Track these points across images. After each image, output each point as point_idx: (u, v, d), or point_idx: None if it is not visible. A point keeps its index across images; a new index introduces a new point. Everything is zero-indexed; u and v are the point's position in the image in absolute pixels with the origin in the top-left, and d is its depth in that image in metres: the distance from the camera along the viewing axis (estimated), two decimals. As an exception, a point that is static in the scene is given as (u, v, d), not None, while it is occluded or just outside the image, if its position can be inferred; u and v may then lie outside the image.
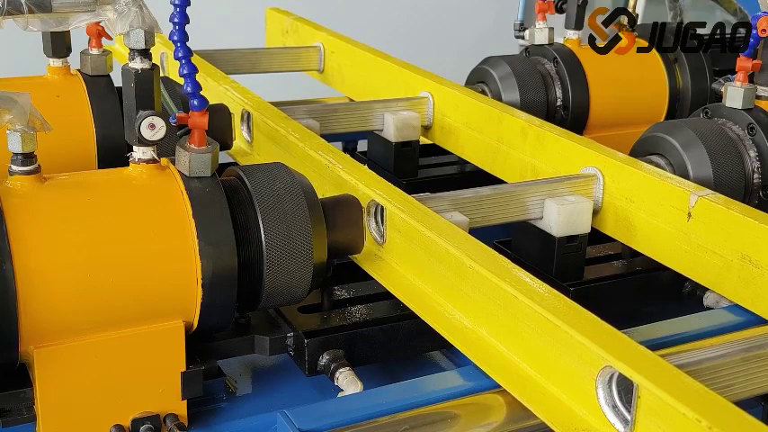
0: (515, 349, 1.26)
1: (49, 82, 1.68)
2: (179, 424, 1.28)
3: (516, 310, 1.23)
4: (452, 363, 1.60)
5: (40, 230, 1.18)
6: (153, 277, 1.23)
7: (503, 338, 1.28)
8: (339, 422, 1.22)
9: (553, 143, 1.86)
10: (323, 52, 2.60)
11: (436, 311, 1.39)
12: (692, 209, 1.56)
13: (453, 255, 1.35)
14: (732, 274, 1.51)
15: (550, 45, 2.34)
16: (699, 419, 0.96)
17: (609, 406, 1.10)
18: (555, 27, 2.38)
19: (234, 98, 2.01)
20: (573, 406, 1.15)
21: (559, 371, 1.17)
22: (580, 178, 1.75)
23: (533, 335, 1.21)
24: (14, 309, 1.14)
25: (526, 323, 1.22)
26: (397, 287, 1.45)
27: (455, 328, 1.35)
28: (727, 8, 3.70)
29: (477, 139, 2.06)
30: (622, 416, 1.09)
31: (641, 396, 1.04)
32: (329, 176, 1.64)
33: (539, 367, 1.22)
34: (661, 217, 1.63)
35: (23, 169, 1.22)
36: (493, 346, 1.29)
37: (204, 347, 1.37)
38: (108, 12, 1.29)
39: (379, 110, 2.15)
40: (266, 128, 1.89)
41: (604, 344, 1.11)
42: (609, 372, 1.10)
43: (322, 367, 1.44)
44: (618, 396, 1.10)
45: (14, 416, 1.25)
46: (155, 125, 1.25)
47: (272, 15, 2.88)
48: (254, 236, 1.31)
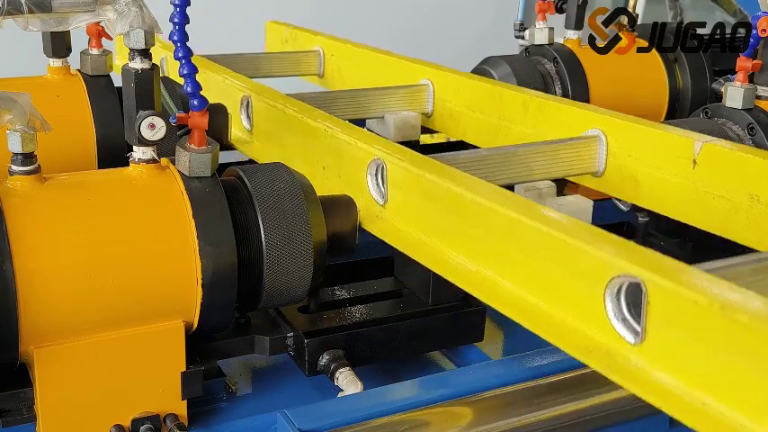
0: (521, 281, 1.23)
1: (49, 82, 1.68)
2: (179, 424, 1.28)
3: (520, 234, 1.21)
4: (452, 363, 1.60)
5: (40, 230, 1.18)
6: (153, 277, 1.23)
7: (509, 273, 1.25)
8: (339, 422, 1.22)
9: (554, 111, 1.85)
10: (322, 56, 2.61)
11: (442, 260, 1.37)
12: (697, 155, 1.56)
13: (454, 192, 1.33)
14: (740, 216, 1.50)
15: (550, 45, 2.34)
16: (710, 303, 0.93)
17: (618, 319, 1.08)
18: (555, 27, 2.38)
19: (233, 85, 2.01)
20: (582, 327, 1.13)
21: (566, 293, 1.15)
22: (582, 140, 1.74)
23: (538, 259, 1.19)
24: (14, 309, 1.14)
25: (531, 247, 1.20)
26: (400, 243, 1.45)
27: (462, 273, 1.32)
28: (726, 9, 3.70)
29: (479, 119, 2.05)
30: (632, 328, 1.06)
31: (650, 292, 1.00)
32: (329, 143, 1.64)
33: (546, 294, 1.19)
34: (666, 169, 1.63)
35: (23, 169, 1.22)
36: (500, 284, 1.26)
37: (204, 347, 1.37)
38: (108, 12, 1.29)
39: (378, 97, 2.15)
40: (265, 109, 1.89)
41: (610, 251, 1.08)
42: (617, 283, 1.07)
43: (322, 367, 1.44)
44: (627, 309, 1.08)
45: (14, 416, 1.25)
46: (155, 125, 1.25)
47: (271, 27, 2.90)
48: (253, 236, 1.31)
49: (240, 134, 2.01)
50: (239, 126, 2.00)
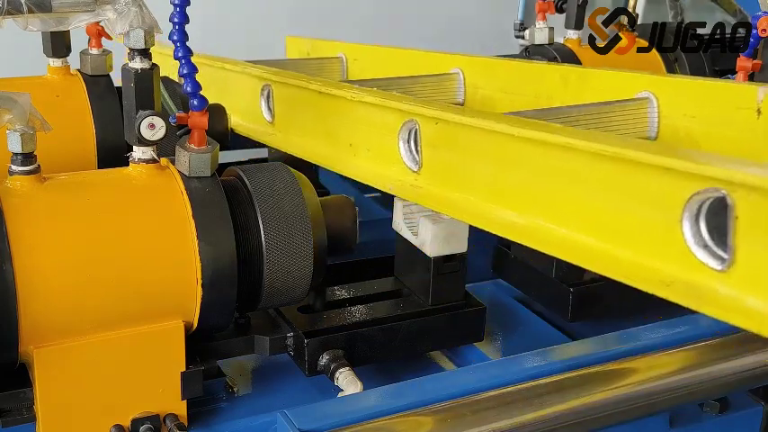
0: (579, 224, 1.16)
1: (49, 82, 1.68)
2: (179, 424, 1.28)
3: (575, 166, 1.14)
4: (452, 363, 1.61)
5: (40, 230, 1.18)
6: (153, 277, 1.23)
7: (564, 217, 1.19)
8: (339, 422, 1.22)
9: (597, 79, 1.78)
10: (345, 61, 2.52)
11: (487, 216, 1.32)
12: (761, 103, 1.49)
13: (497, 134, 1.28)
14: None
15: (550, 45, 2.34)
16: None
17: (700, 246, 1.00)
18: (555, 27, 2.38)
19: (253, 75, 1.97)
20: (656, 262, 1.05)
21: (634, 227, 1.07)
22: (631, 102, 1.66)
23: (598, 192, 1.12)
24: (14, 309, 1.14)
25: (589, 180, 1.13)
26: (440, 206, 1.42)
27: (511, 226, 1.27)
28: (726, 9, 3.70)
29: (515, 101, 1.96)
30: (716, 254, 0.98)
31: (738, 206, 0.92)
32: (356, 114, 1.58)
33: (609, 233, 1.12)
34: (727, 123, 1.55)
35: (23, 169, 1.22)
36: (555, 231, 1.21)
37: (204, 347, 1.37)
38: (108, 12, 1.29)
39: (407, 86, 2.03)
40: (287, 93, 1.84)
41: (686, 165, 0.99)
42: (696, 202, 0.99)
43: (322, 367, 1.44)
44: (708, 234, 0.99)
45: (14, 416, 1.25)
46: (155, 125, 1.25)
47: (292, 42, 2.81)
48: (253, 236, 1.31)
49: (261, 128, 1.97)
50: (260, 120, 1.97)
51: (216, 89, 2.02)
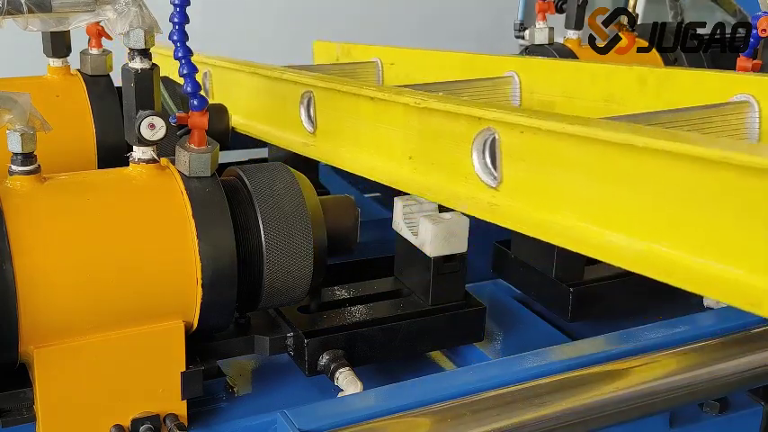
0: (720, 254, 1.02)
1: (49, 82, 1.68)
2: (179, 424, 1.28)
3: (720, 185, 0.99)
4: (452, 363, 1.61)
5: (40, 230, 1.18)
6: (153, 277, 1.23)
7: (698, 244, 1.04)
8: (339, 422, 1.22)
9: (683, 81, 1.62)
10: (380, 66, 2.33)
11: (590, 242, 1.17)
12: None
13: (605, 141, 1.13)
14: None
15: (550, 45, 2.34)
16: None
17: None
18: (555, 27, 2.38)
19: (292, 81, 1.83)
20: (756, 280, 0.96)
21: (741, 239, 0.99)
22: (729, 105, 1.51)
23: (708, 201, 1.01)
24: (14, 309, 1.14)
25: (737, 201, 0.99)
26: (529, 228, 1.25)
27: (625, 253, 1.13)
28: (726, 9, 3.70)
29: (579, 105, 1.80)
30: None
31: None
32: (419, 123, 1.44)
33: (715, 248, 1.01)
34: None
35: (23, 169, 1.22)
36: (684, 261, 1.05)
37: (204, 347, 1.37)
38: (108, 12, 1.29)
39: (457, 91, 1.85)
40: (331, 100, 1.70)
41: None
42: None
43: (322, 367, 1.44)
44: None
45: (14, 416, 1.25)
46: (155, 125, 1.25)
47: (319, 47, 2.67)
48: (253, 236, 1.31)
49: (301, 139, 1.80)
50: (299, 130, 1.82)
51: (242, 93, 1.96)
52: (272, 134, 1.91)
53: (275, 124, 1.92)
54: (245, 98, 2.01)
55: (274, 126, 1.92)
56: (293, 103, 1.81)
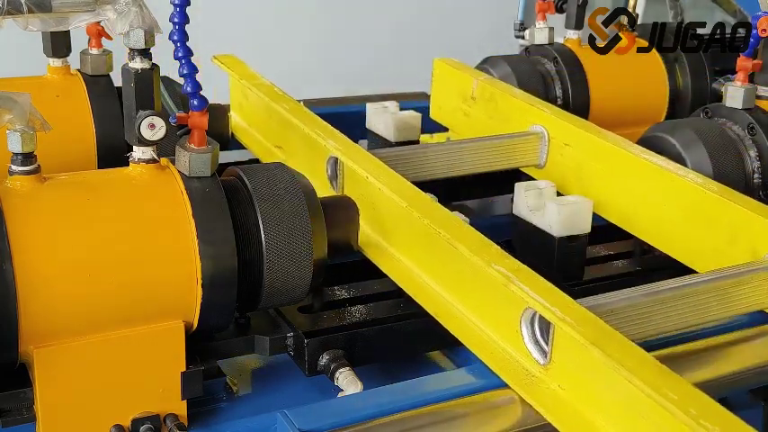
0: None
1: (49, 82, 1.68)
2: (179, 424, 1.28)
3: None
4: (452, 363, 1.60)
5: (40, 230, 1.18)
6: (153, 277, 1.23)
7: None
8: (339, 422, 1.22)
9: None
10: (547, 139, 1.92)
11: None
12: None
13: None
14: None
15: (550, 45, 2.34)
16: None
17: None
18: (555, 27, 2.38)
19: None
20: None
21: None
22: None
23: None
24: (14, 309, 1.14)
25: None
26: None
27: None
28: (726, 9, 3.70)
29: None
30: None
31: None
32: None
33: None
34: None
35: (23, 169, 1.22)
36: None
37: (204, 347, 1.37)
38: (108, 12, 1.29)
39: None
40: None
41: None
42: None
43: (322, 367, 1.44)
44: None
45: (14, 416, 1.25)
46: (155, 125, 1.25)
47: (443, 70, 2.24)
48: (253, 236, 1.31)
49: None
50: None
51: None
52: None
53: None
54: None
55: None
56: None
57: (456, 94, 2.19)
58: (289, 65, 4.15)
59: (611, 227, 1.81)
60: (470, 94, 2.12)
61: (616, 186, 1.78)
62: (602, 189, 1.80)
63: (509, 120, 2.02)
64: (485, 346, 1.35)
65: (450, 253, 1.40)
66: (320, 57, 4.22)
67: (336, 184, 1.68)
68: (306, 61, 4.15)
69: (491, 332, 1.35)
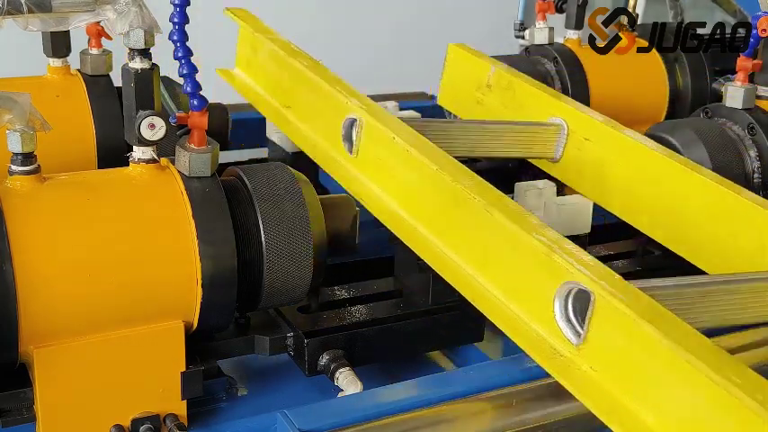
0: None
1: (49, 82, 1.68)
2: (179, 424, 1.28)
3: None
4: (452, 363, 1.61)
5: (40, 230, 1.18)
6: (153, 277, 1.23)
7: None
8: (339, 422, 1.22)
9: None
10: (566, 131, 1.83)
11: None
12: None
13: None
14: None
15: (550, 45, 2.34)
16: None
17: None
18: (555, 27, 2.38)
19: None
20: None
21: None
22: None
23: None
24: (14, 309, 1.14)
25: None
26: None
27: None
28: (726, 9, 3.70)
29: None
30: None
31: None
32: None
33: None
34: None
35: (23, 169, 1.22)
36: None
37: (204, 347, 1.37)
38: (108, 12, 1.29)
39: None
40: None
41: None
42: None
43: (322, 367, 1.44)
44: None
45: (14, 416, 1.25)
46: (155, 125, 1.25)
47: (457, 55, 2.14)
48: (253, 236, 1.31)
49: None
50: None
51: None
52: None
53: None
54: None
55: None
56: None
57: (470, 81, 2.07)
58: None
59: (611, 227, 1.81)
60: (486, 82, 2.03)
61: (639, 186, 1.69)
62: (623, 187, 1.72)
63: (525, 110, 1.92)
64: (510, 322, 1.26)
65: (484, 221, 1.30)
66: (320, 57, 4.22)
67: (352, 146, 1.58)
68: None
69: (519, 308, 1.26)
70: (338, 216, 1.45)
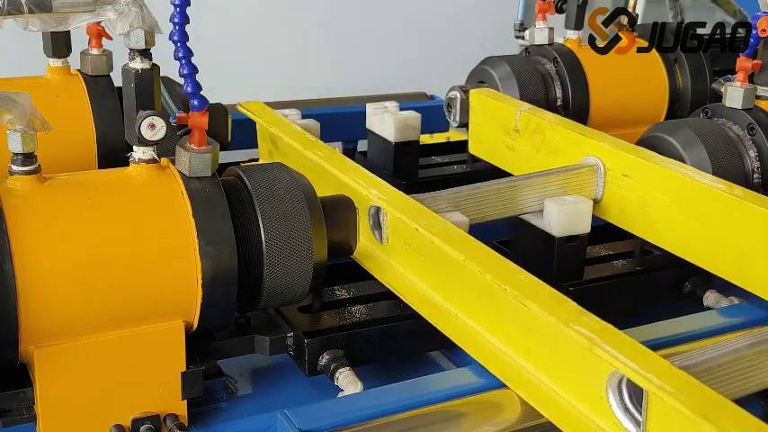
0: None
1: (49, 82, 1.68)
2: (179, 424, 1.28)
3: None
4: (452, 363, 1.60)
5: (41, 230, 1.18)
6: (153, 277, 1.23)
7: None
8: (339, 422, 1.22)
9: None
10: (602, 171, 1.79)
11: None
12: None
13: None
14: None
15: (550, 45, 2.34)
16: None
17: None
18: (555, 27, 2.38)
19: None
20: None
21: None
22: None
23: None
24: (14, 309, 1.14)
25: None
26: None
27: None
28: (726, 9, 3.70)
29: None
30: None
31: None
32: None
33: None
34: None
35: (23, 169, 1.22)
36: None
37: (204, 347, 1.37)
38: (108, 12, 1.29)
39: None
40: None
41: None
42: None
43: (322, 367, 1.44)
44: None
45: (14, 416, 1.25)
46: (155, 125, 1.25)
47: (479, 100, 2.13)
48: (254, 236, 1.31)
49: None
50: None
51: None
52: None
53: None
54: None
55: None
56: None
57: (497, 127, 2.04)
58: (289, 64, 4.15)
59: (611, 227, 1.81)
60: (513, 126, 1.99)
61: (688, 220, 1.62)
62: (671, 221, 1.65)
63: (558, 151, 1.88)
64: (566, 416, 1.19)
65: (519, 312, 1.26)
66: (320, 57, 4.23)
67: (381, 235, 1.56)
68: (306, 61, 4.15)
69: (573, 399, 1.19)
70: (338, 216, 1.45)
